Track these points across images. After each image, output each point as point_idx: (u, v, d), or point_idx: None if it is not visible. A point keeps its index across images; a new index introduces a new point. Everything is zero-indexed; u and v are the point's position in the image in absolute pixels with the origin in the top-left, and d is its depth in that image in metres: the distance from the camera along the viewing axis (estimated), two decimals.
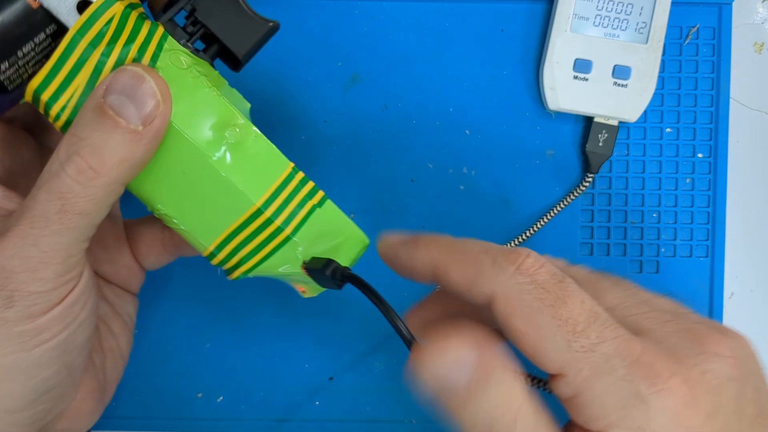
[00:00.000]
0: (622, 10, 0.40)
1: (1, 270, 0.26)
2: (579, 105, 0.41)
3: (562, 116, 0.42)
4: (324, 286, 0.31)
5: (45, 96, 0.27)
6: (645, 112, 0.42)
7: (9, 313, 0.26)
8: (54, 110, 0.27)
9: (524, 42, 0.42)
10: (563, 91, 0.40)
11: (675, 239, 0.43)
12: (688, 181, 0.42)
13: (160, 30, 0.28)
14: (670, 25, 0.41)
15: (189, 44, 0.29)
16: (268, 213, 0.29)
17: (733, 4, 0.42)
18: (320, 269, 0.29)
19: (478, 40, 0.42)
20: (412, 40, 0.42)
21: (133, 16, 0.28)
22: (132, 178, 0.27)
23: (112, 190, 0.27)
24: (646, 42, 0.40)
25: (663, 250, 0.43)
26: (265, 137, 0.29)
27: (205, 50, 0.30)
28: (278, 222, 0.29)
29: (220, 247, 0.30)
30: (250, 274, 0.31)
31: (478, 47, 0.42)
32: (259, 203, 0.29)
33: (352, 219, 0.41)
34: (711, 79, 0.42)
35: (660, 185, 0.42)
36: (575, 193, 0.41)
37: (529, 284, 0.25)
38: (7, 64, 0.27)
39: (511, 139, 0.42)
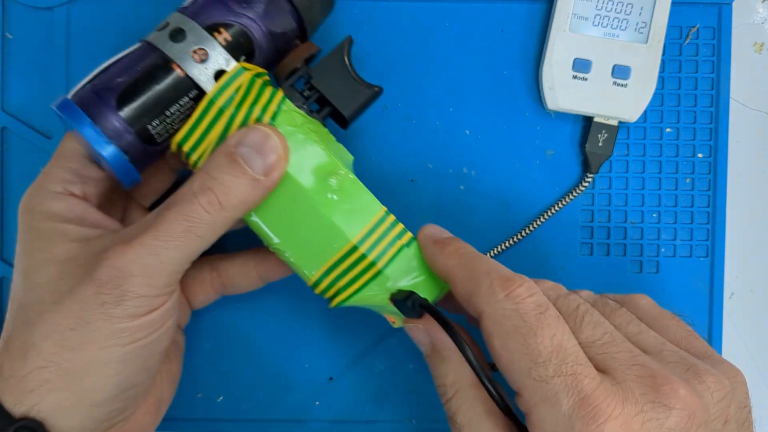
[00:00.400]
0: (621, 10, 0.40)
1: (119, 271, 0.30)
2: (578, 105, 0.41)
3: (562, 116, 0.42)
4: (407, 316, 0.34)
5: (186, 147, 0.33)
6: (645, 112, 0.42)
7: (117, 310, 0.30)
8: (193, 158, 0.33)
9: (524, 42, 0.42)
10: (562, 91, 0.40)
11: (675, 239, 0.43)
12: (688, 181, 0.42)
13: (280, 94, 0.34)
14: (670, 25, 0.41)
15: (304, 106, 0.35)
16: (362, 249, 0.34)
17: (733, 4, 0.42)
18: (403, 300, 0.33)
19: (478, 40, 0.42)
20: (412, 40, 0.42)
21: (259, 83, 0.33)
22: (244, 215, 0.33)
23: (228, 223, 0.32)
24: (646, 42, 0.40)
25: (663, 250, 0.43)
26: (362, 184, 0.34)
27: (318, 111, 0.36)
28: (371, 257, 0.34)
29: (323, 277, 0.34)
30: (346, 304, 0.35)
31: (478, 47, 0.42)
32: (355, 240, 0.34)
33: None
34: (711, 79, 0.42)
35: (660, 185, 0.42)
36: (575, 193, 0.41)
37: (512, 311, 0.29)
38: (157, 121, 0.33)
39: (511, 139, 0.42)
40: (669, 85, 0.42)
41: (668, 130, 0.42)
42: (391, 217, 0.35)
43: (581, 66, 0.40)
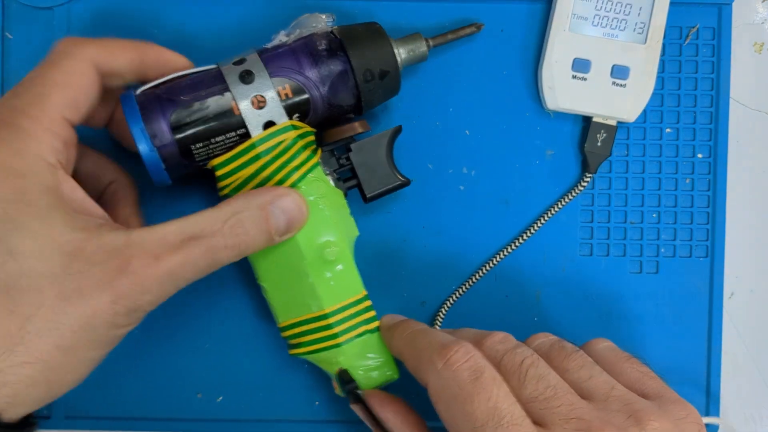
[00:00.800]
0: (620, 10, 0.40)
1: (141, 287, 0.30)
2: (577, 105, 0.41)
3: (562, 116, 0.42)
4: (345, 396, 0.38)
5: (219, 172, 0.36)
6: (645, 112, 0.42)
7: (123, 319, 0.31)
8: (221, 184, 0.37)
9: (524, 42, 0.42)
10: (562, 91, 0.40)
11: (675, 239, 0.43)
12: (687, 181, 0.42)
13: (314, 160, 0.36)
14: (670, 26, 0.41)
15: (335, 173, 0.38)
16: (331, 320, 0.37)
17: (733, 4, 0.42)
18: (345, 382, 0.37)
19: (478, 40, 0.42)
20: None
21: (300, 144, 0.36)
22: None
23: (230, 262, 0.33)
24: (645, 42, 0.40)
25: (663, 250, 0.43)
26: (353, 263, 0.37)
27: (345, 180, 0.38)
28: (336, 330, 0.37)
29: (289, 327, 0.38)
30: (302, 357, 0.38)
31: (478, 47, 0.42)
32: (328, 310, 0.37)
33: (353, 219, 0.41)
34: (711, 80, 0.42)
35: (660, 185, 0.42)
36: (573, 193, 0.41)
37: (450, 380, 0.31)
38: (201, 144, 0.36)
39: (510, 139, 0.42)
40: (669, 86, 0.42)
41: (668, 130, 0.42)
42: (368, 302, 0.38)
43: (581, 66, 0.40)
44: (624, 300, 0.42)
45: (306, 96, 0.36)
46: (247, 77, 0.35)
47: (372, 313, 0.38)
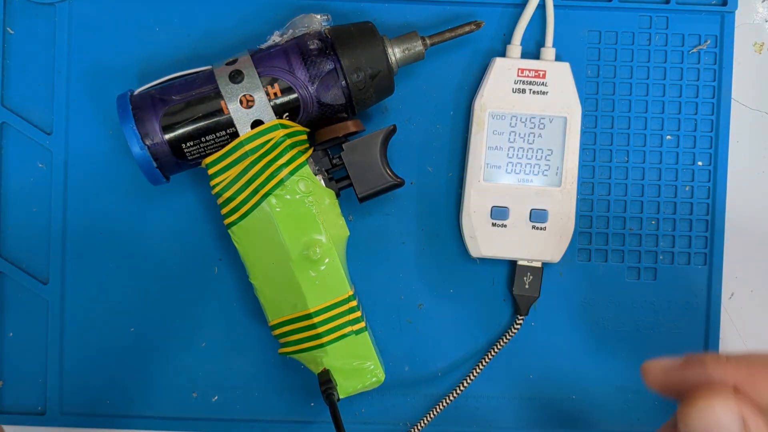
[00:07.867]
0: (532, 156, 0.40)
1: None
2: (500, 251, 0.40)
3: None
4: (322, 395, 0.38)
5: (211, 171, 0.37)
6: (645, 119, 0.42)
7: None
8: (213, 182, 0.37)
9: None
10: (483, 239, 0.40)
11: (673, 247, 0.42)
12: (687, 189, 0.42)
13: (301, 159, 0.37)
14: (672, 33, 0.41)
15: (327, 172, 0.38)
16: (315, 320, 0.37)
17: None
18: (323, 381, 0.37)
19: (478, 41, 0.42)
20: None
21: (286, 143, 0.36)
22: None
23: None
24: (560, 185, 0.40)
25: (661, 257, 0.42)
26: (339, 263, 0.37)
27: (338, 180, 0.38)
28: (320, 330, 0.37)
29: (277, 326, 0.39)
30: (290, 356, 0.39)
31: (479, 48, 0.42)
32: (312, 309, 0.37)
33: (351, 221, 0.41)
34: (712, 87, 0.42)
35: (659, 193, 0.42)
36: (508, 336, 0.41)
37: None
38: (192, 143, 0.36)
39: None
40: (670, 93, 0.42)
41: (668, 137, 0.42)
42: (354, 302, 0.38)
43: (499, 214, 0.40)
44: (622, 307, 0.42)
45: (295, 95, 0.36)
46: (236, 77, 0.36)
47: (358, 314, 0.38)
